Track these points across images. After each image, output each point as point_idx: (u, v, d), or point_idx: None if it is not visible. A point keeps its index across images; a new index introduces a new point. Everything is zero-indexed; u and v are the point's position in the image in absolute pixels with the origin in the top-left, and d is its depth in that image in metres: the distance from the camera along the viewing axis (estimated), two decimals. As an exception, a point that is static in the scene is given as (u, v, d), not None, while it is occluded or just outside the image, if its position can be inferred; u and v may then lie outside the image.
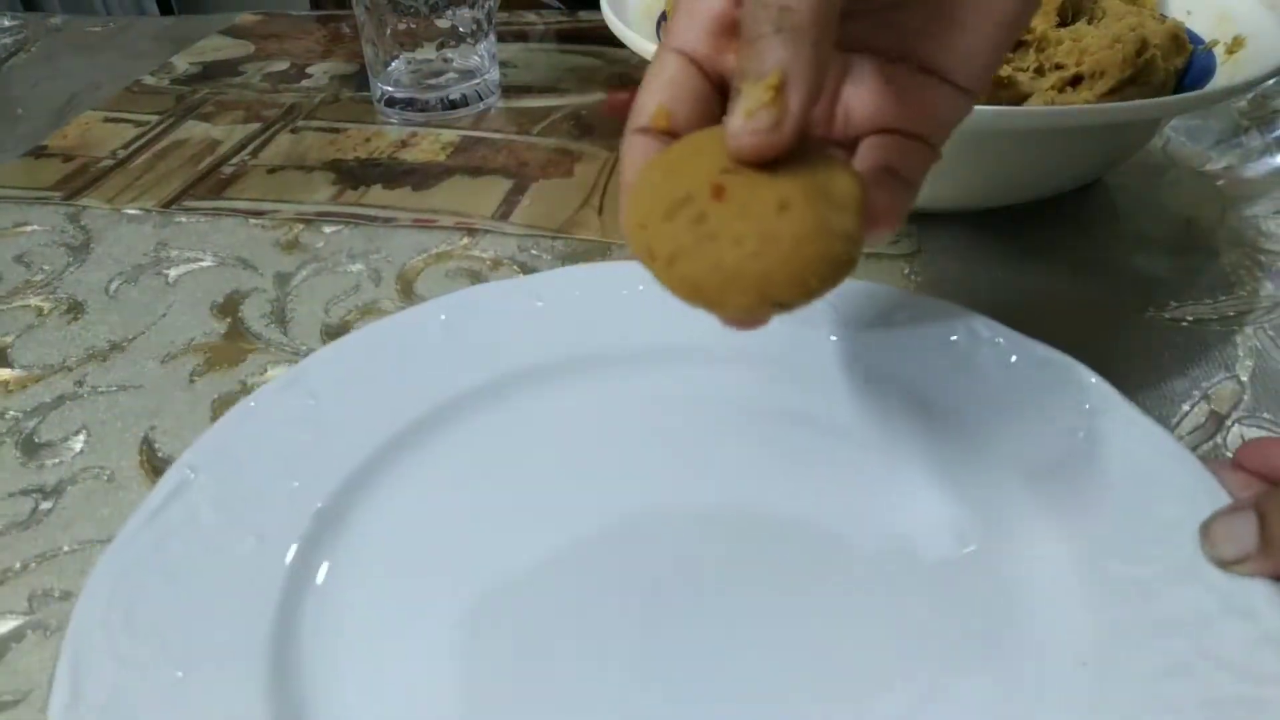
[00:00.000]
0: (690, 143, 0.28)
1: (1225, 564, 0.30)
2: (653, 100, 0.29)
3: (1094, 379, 0.36)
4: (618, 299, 0.41)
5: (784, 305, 0.26)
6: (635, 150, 0.29)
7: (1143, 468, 0.33)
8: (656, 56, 0.30)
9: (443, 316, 0.41)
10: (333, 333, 0.45)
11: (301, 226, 0.54)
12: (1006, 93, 0.46)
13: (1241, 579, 0.29)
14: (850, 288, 0.41)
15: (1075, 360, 0.37)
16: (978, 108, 0.43)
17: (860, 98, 0.30)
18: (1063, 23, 0.50)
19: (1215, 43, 0.49)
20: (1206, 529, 0.30)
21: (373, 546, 0.34)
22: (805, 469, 0.36)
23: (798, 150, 0.26)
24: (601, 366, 0.40)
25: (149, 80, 0.72)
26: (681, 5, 0.30)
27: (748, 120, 0.25)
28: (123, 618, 0.30)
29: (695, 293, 0.26)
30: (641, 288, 0.41)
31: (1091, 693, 0.28)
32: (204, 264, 0.51)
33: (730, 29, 0.28)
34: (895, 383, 0.39)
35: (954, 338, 0.39)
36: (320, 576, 0.33)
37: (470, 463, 0.37)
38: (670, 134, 0.29)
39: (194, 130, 0.64)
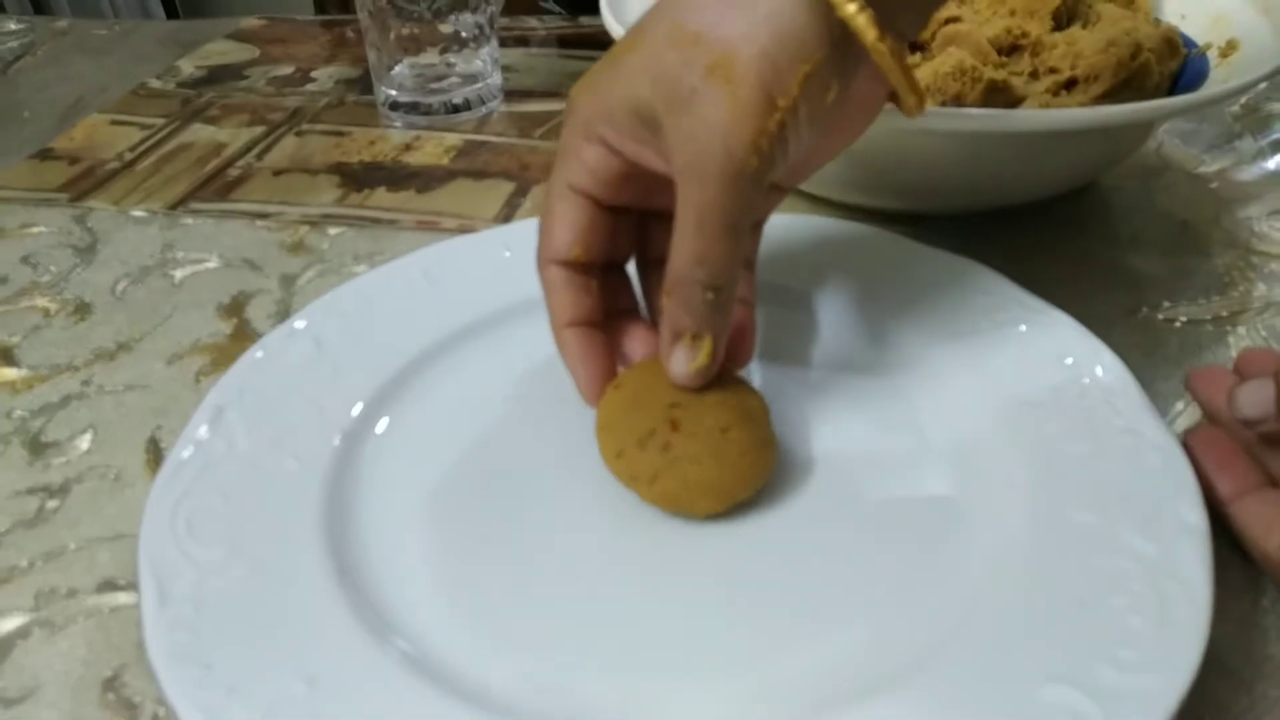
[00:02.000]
0: (637, 379, 0.36)
1: (1249, 423, 0.33)
2: (565, 236, 0.35)
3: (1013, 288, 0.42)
4: None
5: (739, 501, 0.34)
6: (558, 284, 0.35)
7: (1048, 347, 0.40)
8: (557, 193, 0.35)
9: (423, 268, 0.45)
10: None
11: (307, 228, 0.54)
12: (1001, 96, 0.46)
13: (1130, 417, 0.35)
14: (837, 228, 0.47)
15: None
16: (973, 110, 0.44)
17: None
18: (1057, 27, 0.50)
19: (1209, 46, 0.49)
20: (1233, 395, 0.33)
21: (399, 458, 0.38)
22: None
23: (719, 379, 0.35)
24: None
25: (155, 84, 0.72)
26: (569, 150, 0.34)
27: (693, 373, 0.33)
28: (187, 529, 0.33)
29: (674, 503, 0.34)
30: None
31: (1021, 507, 0.34)
32: (210, 265, 0.51)
33: (623, 181, 0.34)
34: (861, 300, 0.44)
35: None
36: (356, 478, 0.37)
37: (478, 387, 0.41)
38: (583, 265, 0.35)
39: (200, 133, 0.65)
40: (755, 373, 0.40)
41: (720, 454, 0.33)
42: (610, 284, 0.37)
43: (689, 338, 0.33)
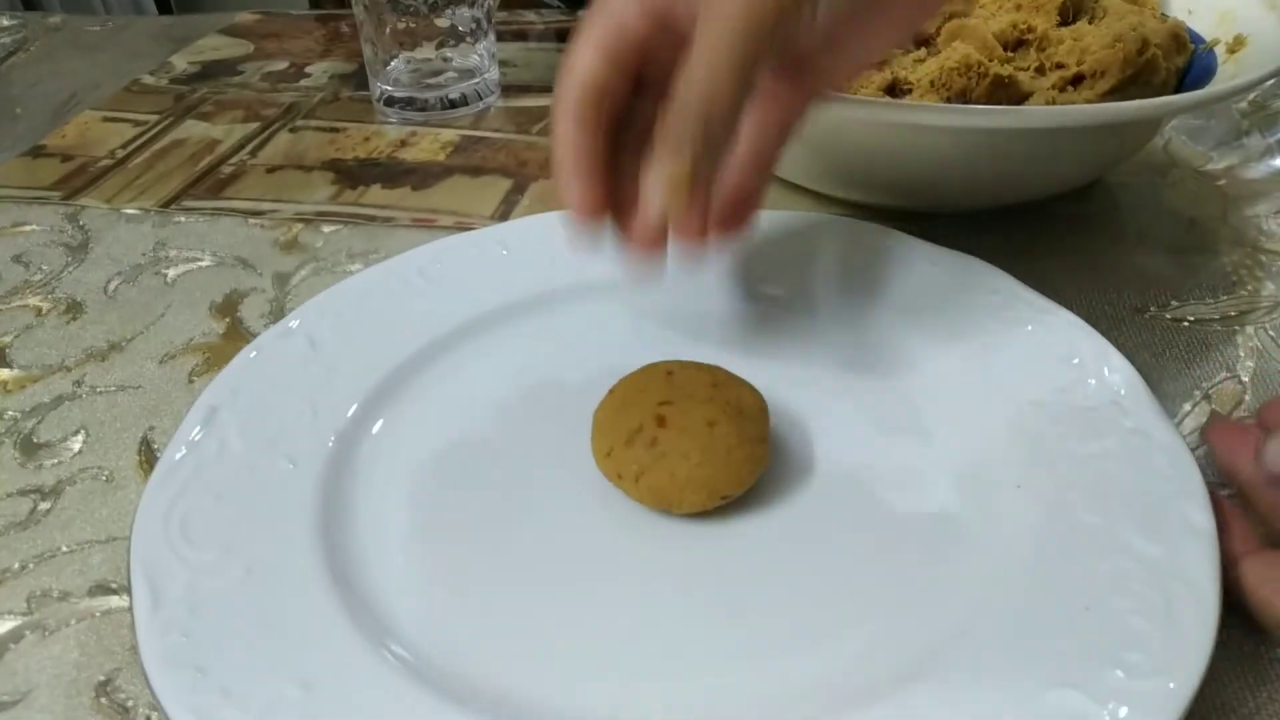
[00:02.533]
0: (629, 387, 0.36)
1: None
2: (591, 58, 0.34)
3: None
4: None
5: (726, 497, 0.34)
6: (569, 114, 0.34)
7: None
8: (578, 51, 0.35)
9: (419, 266, 0.45)
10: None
11: (301, 226, 0.54)
12: (1007, 92, 0.46)
13: (1138, 417, 0.35)
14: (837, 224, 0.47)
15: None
16: (978, 106, 0.44)
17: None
18: (1064, 22, 0.49)
19: (1216, 42, 0.49)
20: (1262, 450, 0.31)
21: (394, 459, 0.37)
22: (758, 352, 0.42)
23: (713, 379, 0.35)
24: (566, 300, 0.44)
25: (148, 80, 0.72)
26: (600, 10, 0.35)
27: (666, 189, 0.32)
28: (180, 531, 0.33)
29: (659, 498, 0.33)
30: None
31: (1026, 508, 0.34)
32: (203, 264, 0.51)
33: (649, 41, 0.34)
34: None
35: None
36: (351, 479, 0.36)
37: (474, 387, 0.40)
38: (601, 101, 0.34)
39: (193, 130, 0.64)
40: (757, 371, 0.39)
41: (707, 449, 0.33)
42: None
43: (672, 156, 0.32)
